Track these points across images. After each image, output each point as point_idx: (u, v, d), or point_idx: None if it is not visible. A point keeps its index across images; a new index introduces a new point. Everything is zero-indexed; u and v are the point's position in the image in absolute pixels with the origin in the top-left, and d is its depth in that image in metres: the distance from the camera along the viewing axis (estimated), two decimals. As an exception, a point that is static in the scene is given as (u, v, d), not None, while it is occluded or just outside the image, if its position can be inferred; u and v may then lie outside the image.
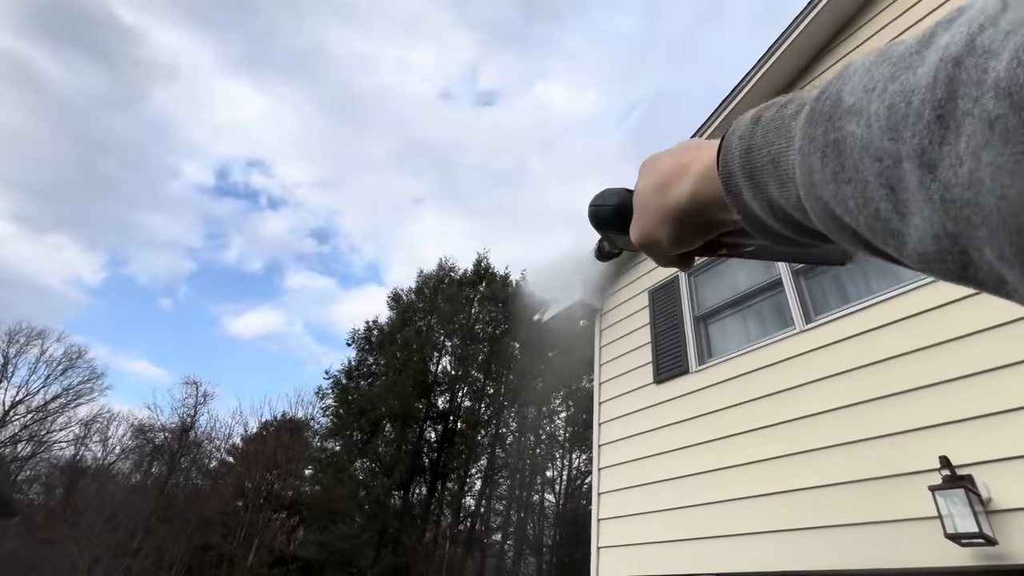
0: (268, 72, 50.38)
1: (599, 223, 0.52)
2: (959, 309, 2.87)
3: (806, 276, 3.92)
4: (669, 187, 0.38)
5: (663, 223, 0.39)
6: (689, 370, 4.33)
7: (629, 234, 0.47)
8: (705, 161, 0.35)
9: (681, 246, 0.40)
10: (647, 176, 0.41)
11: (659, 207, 0.39)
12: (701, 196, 0.35)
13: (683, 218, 0.37)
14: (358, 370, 24.56)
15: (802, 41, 4.52)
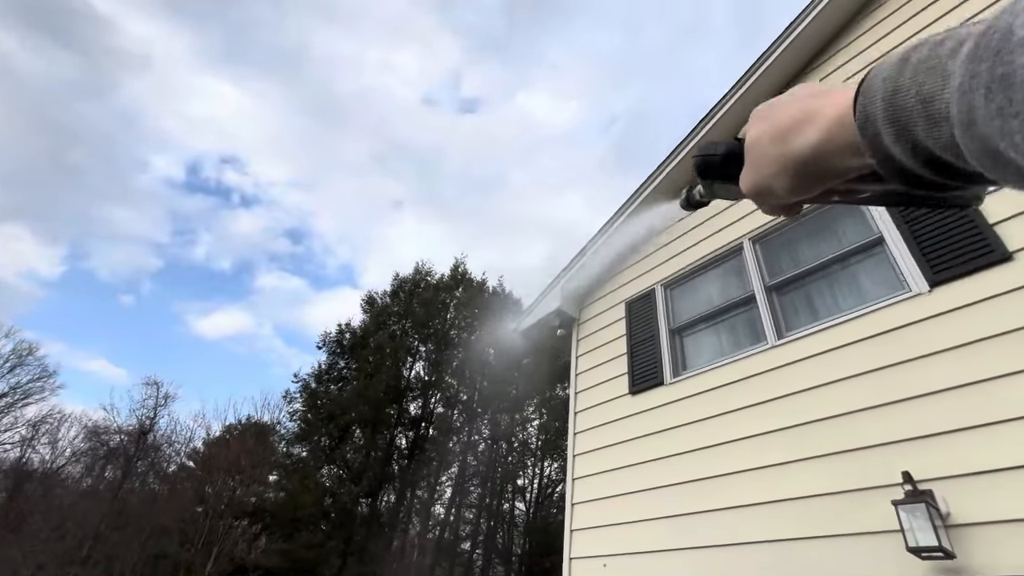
0: (247, 67, 49.39)
1: (705, 172, 0.52)
2: (922, 329, 2.99)
3: (779, 293, 4.02)
4: (792, 135, 0.37)
5: (782, 172, 0.38)
6: (664, 382, 4.38)
7: (736, 183, 0.47)
8: (836, 107, 0.34)
9: (798, 195, 0.40)
10: (763, 124, 0.40)
11: (779, 156, 0.38)
12: (830, 144, 0.34)
13: (806, 167, 0.37)
14: (328, 374, 24.04)
15: (783, 60, 4.67)
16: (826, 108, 0.35)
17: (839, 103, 0.34)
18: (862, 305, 3.36)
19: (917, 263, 3.13)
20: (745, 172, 0.43)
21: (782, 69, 4.70)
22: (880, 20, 4.26)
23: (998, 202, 2.98)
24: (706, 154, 0.51)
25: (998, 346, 2.68)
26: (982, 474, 2.51)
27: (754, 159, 0.41)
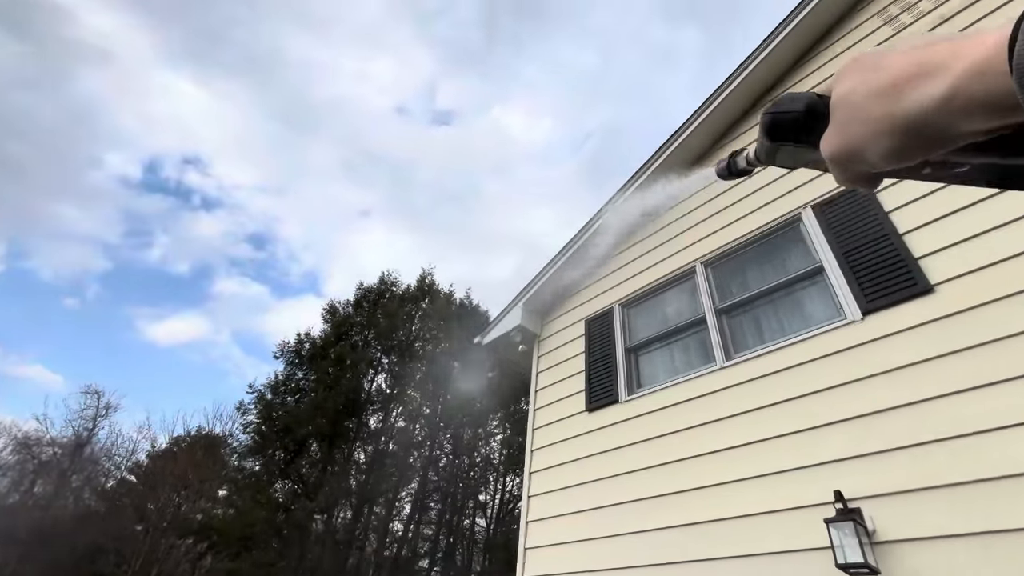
0: (215, 68, 48.03)
1: (776, 133, 0.45)
2: (856, 355, 3.18)
3: (728, 315, 4.19)
4: (906, 89, 0.31)
5: (886, 133, 0.33)
6: (619, 400, 4.47)
7: (813, 146, 0.41)
8: (971, 58, 0.28)
9: (896, 161, 0.34)
10: (862, 77, 0.35)
11: (884, 115, 0.33)
12: (960, 100, 0.29)
13: (921, 127, 0.31)
14: (285, 385, 23.27)
15: (741, 90, 4.93)
16: (955, 59, 0.29)
17: (975, 54, 0.29)
18: (803, 330, 3.54)
19: (852, 292, 3.33)
20: (831, 133, 0.37)
21: (737, 100, 4.96)
22: (842, 50, 4.57)
23: (924, 236, 3.22)
24: (783, 110, 0.44)
25: (923, 372, 2.88)
26: (907, 493, 2.67)
27: (847, 117, 0.36)
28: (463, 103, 59.66)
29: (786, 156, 0.48)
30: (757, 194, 4.39)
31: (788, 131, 0.44)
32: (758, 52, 4.80)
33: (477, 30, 58.75)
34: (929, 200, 3.29)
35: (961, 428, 2.62)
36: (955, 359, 2.78)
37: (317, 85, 51.85)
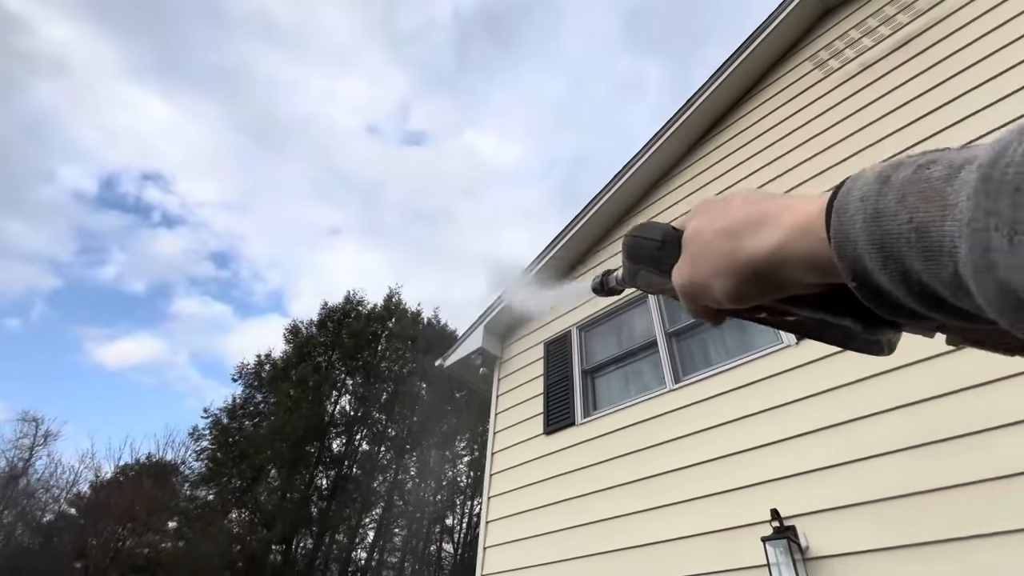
0: (180, 83, 46.91)
1: (635, 256, 0.48)
2: (792, 377, 3.36)
3: (678, 339, 4.35)
4: (745, 234, 0.34)
5: (725, 273, 0.35)
6: (575, 422, 4.54)
7: (667, 274, 0.43)
8: (802, 216, 0.31)
9: (736, 302, 0.36)
10: (711, 217, 0.37)
11: (726, 254, 0.35)
12: (790, 252, 0.31)
13: (755, 272, 0.33)
14: (243, 409, 22.38)
15: (686, 128, 5.21)
16: (785, 214, 0.32)
17: (802, 212, 0.31)
18: (745, 354, 3.72)
19: (787, 317, 3.54)
20: (681, 265, 0.39)
21: (680, 139, 5.24)
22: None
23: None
24: (642, 236, 0.47)
25: (853, 393, 3.07)
26: (838, 509, 2.83)
27: (696, 252, 0.38)
28: (435, 125, 60.32)
29: (644, 280, 0.50)
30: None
31: (645, 257, 0.47)
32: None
33: (450, 54, 59.83)
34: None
35: (884, 446, 2.80)
36: (876, 381, 2.98)
37: (287, 102, 51.43)
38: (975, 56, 3.56)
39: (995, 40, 3.51)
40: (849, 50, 4.44)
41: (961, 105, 3.49)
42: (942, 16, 3.92)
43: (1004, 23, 3.51)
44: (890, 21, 4.28)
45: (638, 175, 5.41)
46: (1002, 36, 3.49)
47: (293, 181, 50.04)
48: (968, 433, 2.57)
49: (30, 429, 21.45)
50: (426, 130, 59.78)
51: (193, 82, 46.93)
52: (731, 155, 4.84)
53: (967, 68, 3.56)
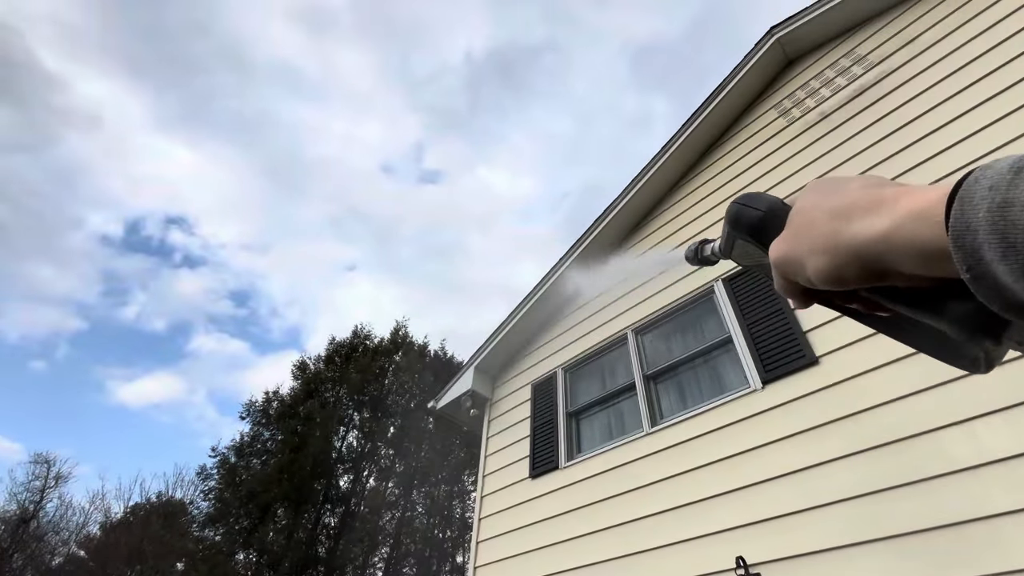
0: (205, 131, 49.37)
1: (739, 225, 0.47)
2: (758, 422, 3.43)
3: (655, 381, 4.44)
4: (855, 215, 0.33)
5: (827, 251, 0.34)
6: (559, 466, 4.60)
7: (765, 247, 0.43)
8: (917, 203, 0.30)
9: (829, 283, 0.35)
10: (822, 195, 0.37)
11: (831, 233, 0.34)
12: (900, 237, 0.30)
13: (858, 255, 0.32)
14: (251, 447, 22.42)
15: (660, 175, 5.42)
16: (902, 200, 0.31)
17: (920, 199, 0.30)
18: (716, 398, 3.81)
19: (754, 362, 3.64)
20: (782, 238, 0.39)
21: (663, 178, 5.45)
22: (741, 141, 5.10)
23: (811, 312, 3.57)
24: (748, 204, 0.46)
25: (811, 439, 3.14)
26: (801, 556, 2.86)
27: (799, 228, 0.37)
28: (448, 163, 62.71)
29: (741, 250, 0.50)
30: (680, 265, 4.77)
31: (747, 226, 0.46)
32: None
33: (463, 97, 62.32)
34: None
35: (844, 492, 2.85)
36: (835, 426, 3.06)
37: (306, 145, 53.68)
38: (924, 107, 3.74)
39: (941, 91, 3.69)
40: (810, 99, 4.66)
41: (912, 153, 3.66)
42: (892, 69, 4.12)
43: (948, 76, 3.70)
44: (846, 72, 4.50)
45: (615, 221, 5.60)
46: (947, 88, 3.67)
47: (311, 220, 51.63)
48: (920, 479, 2.62)
49: (42, 471, 21.65)
50: (440, 169, 61.92)
51: (217, 129, 49.10)
52: (701, 201, 5.03)
53: (916, 118, 3.74)
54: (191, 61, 47.10)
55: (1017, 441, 2.42)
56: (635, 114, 77.31)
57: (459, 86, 64.82)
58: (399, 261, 55.91)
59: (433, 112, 62.52)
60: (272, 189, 52.34)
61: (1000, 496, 2.36)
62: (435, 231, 60.18)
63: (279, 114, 52.51)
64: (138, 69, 45.51)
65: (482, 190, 67.72)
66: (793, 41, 4.98)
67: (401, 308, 58.85)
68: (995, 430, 2.50)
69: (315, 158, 54.63)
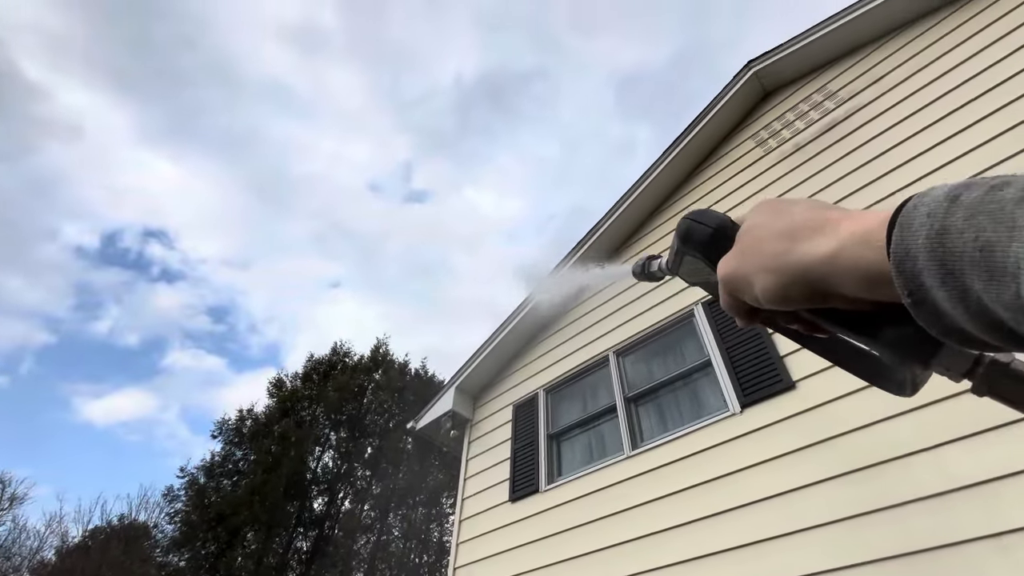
0: (190, 145, 48.92)
1: (688, 240, 0.48)
2: (737, 446, 3.46)
3: (636, 404, 4.46)
4: (801, 237, 0.34)
5: (773, 271, 0.35)
6: (539, 489, 4.55)
7: (713, 264, 0.43)
8: (862, 226, 0.31)
9: (775, 302, 0.36)
10: (770, 216, 0.38)
11: (778, 253, 0.35)
12: (843, 261, 0.31)
13: (804, 275, 0.33)
14: (222, 467, 21.63)
15: (644, 196, 5.53)
16: (844, 223, 0.32)
17: (862, 223, 0.31)
18: (696, 421, 3.83)
19: (733, 386, 3.68)
20: (730, 256, 0.39)
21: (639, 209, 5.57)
22: (719, 171, 5.24)
23: (789, 336, 3.64)
24: (698, 220, 0.47)
25: (789, 463, 3.18)
26: (781, 583, 2.86)
27: (747, 246, 0.38)
28: (436, 183, 63.62)
29: (689, 267, 0.50)
30: (663, 288, 4.84)
31: (697, 242, 0.46)
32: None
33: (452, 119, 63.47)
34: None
35: (821, 518, 2.88)
36: (812, 451, 3.10)
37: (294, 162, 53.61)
38: (890, 142, 3.91)
39: (906, 128, 3.87)
40: (785, 131, 4.84)
41: (880, 185, 3.81)
42: (860, 105, 4.32)
43: (912, 114, 3.89)
44: (818, 107, 4.69)
45: (598, 243, 5.68)
46: (912, 125, 3.85)
47: (295, 236, 51.35)
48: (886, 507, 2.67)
49: (-4, 492, 20.50)
50: (428, 188, 62.56)
51: (203, 144, 48.73)
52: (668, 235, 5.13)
53: (883, 153, 3.91)
54: (179, 75, 46.90)
55: (983, 467, 2.48)
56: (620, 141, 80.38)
57: (448, 108, 66.14)
58: (384, 279, 55.76)
59: (422, 133, 63.51)
60: (257, 205, 51.93)
61: (969, 522, 2.41)
62: (421, 250, 60.49)
63: (267, 130, 52.47)
64: (123, 81, 45.11)
65: (469, 210, 68.80)
66: (769, 75, 5.19)
67: (384, 326, 58.55)
68: (961, 456, 2.57)
69: (302, 175, 54.60)
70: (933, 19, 4.25)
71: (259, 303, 47.10)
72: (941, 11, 4.24)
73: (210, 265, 46.53)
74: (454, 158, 68.00)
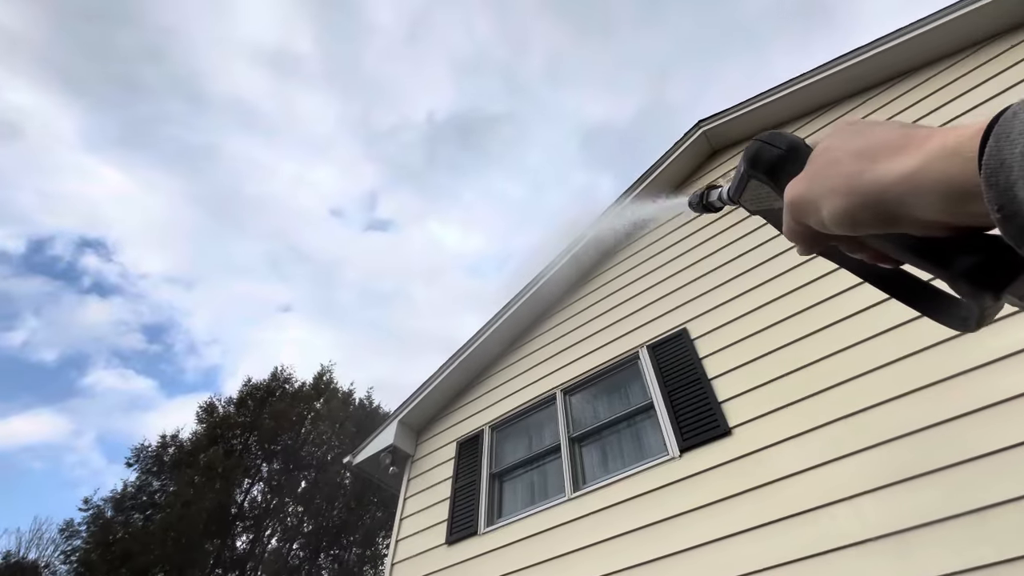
0: (142, 156, 46.43)
1: (757, 163, 0.45)
2: (675, 490, 3.49)
3: (580, 444, 4.44)
4: (882, 155, 0.32)
5: (846, 192, 0.33)
6: (477, 531, 4.40)
7: (780, 189, 0.41)
8: (952, 139, 0.29)
9: (843, 226, 0.33)
10: (848, 136, 0.35)
11: (854, 173, 0.32)
12: (928, 177, 0.29)
13: (879, 197, 0.31)
14: (135, 499, 19.72)
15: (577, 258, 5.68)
16: (933, 138, 0.30)
17: (952, 136, 0.29)
18: (637, 464, 3.85)
19: (673, 430, 3.74)
20: (800, 177, 0.37)
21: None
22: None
23: (728, 381, 3.77)
24: (768, 142, 0.44)
25: (723, 509, 3.22)
26: (712, 633, 2.85)
27: (820, 168, 0.35)
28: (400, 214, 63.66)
29: (753, 193, 0.48)
30: (610, 328, 4.93)
31: (765, 163, 0.44)
32: None
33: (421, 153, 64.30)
34: (736, 348, 3.91)
35: (752, 565, 2.91)
36: (745, 497, 3.16)
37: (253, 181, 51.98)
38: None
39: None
40: (729, 188, 5.15)
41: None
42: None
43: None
44: (759, 168, 5.04)
45: (557, 276, 5.75)
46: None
47: (248, 257, 49.27)
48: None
49: None
50: (391, 219, 62.41)
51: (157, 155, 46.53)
52: (632, 269, 5.29)
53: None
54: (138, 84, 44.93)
55: (896, 518, 2.60)
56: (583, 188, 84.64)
57: (418, 142, 67.17)
58: (337, 306, 54.19)
59: (390, 164, 63.89)
60: (209, 222, 49.60)
61: (882, 572, 2.50)
62: (379, 278, 59.54)
63: (227, 147, 50.86)
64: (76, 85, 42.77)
65: (432, 243, 69.13)
66: (718, 135, 5.56)
67: (334, 354, 56.53)
68: (876, 507, 2.69)
69: (260, 194, 52.97)
70: (867, 95, 4.72)
71: (202, 324, 44.41)
72: (874, 88, 4.71)
73: (151, 281, 43.71)
74: (421, 191, 68.65)
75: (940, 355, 2.97)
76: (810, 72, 4.94)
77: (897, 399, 2.98)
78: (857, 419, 3.05)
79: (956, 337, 2.93)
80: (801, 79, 4.97)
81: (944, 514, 2.49)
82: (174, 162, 47.47)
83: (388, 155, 64.09)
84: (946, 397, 2.82)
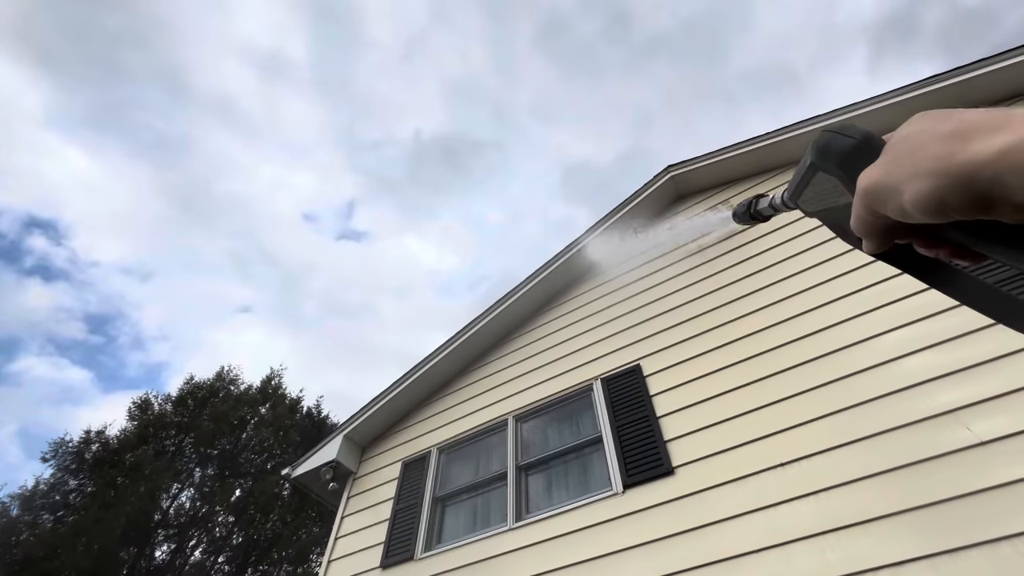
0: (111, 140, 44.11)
1: (827, 154, 0.41)
2: (617, 526, 3.49)
3: (527, 473, 4.40)
4: (974, 136, 0.29)
5: (932, 175, 0.30)
6: (414, 557, 4.26)
7: (852, 182, 0.37)
8: None
9: (928, 211, 0.31)
10: (934, 120, 0.33)
11: (944, 154, 0.30)
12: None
13: (969, 178, 0.29)
14: (47, 497, 18.17)
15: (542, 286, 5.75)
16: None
17: None
18: (581, 497, 3.84)
19: (619, 466, 3.76)
20: (877, 164, 0.34)
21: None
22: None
23: (675, 421, 3.84)
24: (840, 132, 0.41)
25: (663, 548, 3.24)
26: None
27: (903, 152, 0.33)
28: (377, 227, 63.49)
29: (816, 189, 0.45)
30: (568, 358, 4.96)
31: (836, 154, 0.41)
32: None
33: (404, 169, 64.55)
34: (686, 388, 3.99)
35: (684, 608, 2.93)
36: (684, 538, 3.19)
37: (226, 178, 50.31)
38: (781, 255, 4.42)
39: (793, 246, 4.41)
40: (692, 232, 5.34)
41: (770, 291, 4.25)
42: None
43: (802, 234, 4.46)
44: (722, 216, 5.26)
45: (524, 298, 5.77)
46: (800, 243, 4.40)
47: (212, 255, 47.42)
48: (749, 600, 2.78)
49: None
50: (367, 230, 61.99)
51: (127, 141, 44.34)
52: (591, 303, 5.37)
53: (776, 263, 4.40)
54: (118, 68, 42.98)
55: (828, 567, 2.68)
56: (560, 220, 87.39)
57: (402, 158, 67.51)
58: (300, 312, 52.58)
59: (371, 176, 63.75)
60: (175, 215, 47.26)
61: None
62: (347, 288, 58.38)
63: (204, 141, 49.08)
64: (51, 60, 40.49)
65: (406, 258, 68.93)
66: (684, 180, 5.78)
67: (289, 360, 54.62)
68: (809, 554, 2.77)
69: (232, 192, 51.22)
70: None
71: (153, 318, 41.89)
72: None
73: (102, 269, 41.04)
74: (399, 206, 68.72)
75: (883, 408, 3.10)
76: (777, 131, 5.23)
77: (837, 448, 3.09)
78: (797, 466, 3.15)
79: (901, 391, 3.09)
80: (770, 135, 5.25)
81: (875, 563, 2.58)
82: (146, 151, 45.41)
83: (370, 167, 63.93)
84: (886, 449, 2.95)
